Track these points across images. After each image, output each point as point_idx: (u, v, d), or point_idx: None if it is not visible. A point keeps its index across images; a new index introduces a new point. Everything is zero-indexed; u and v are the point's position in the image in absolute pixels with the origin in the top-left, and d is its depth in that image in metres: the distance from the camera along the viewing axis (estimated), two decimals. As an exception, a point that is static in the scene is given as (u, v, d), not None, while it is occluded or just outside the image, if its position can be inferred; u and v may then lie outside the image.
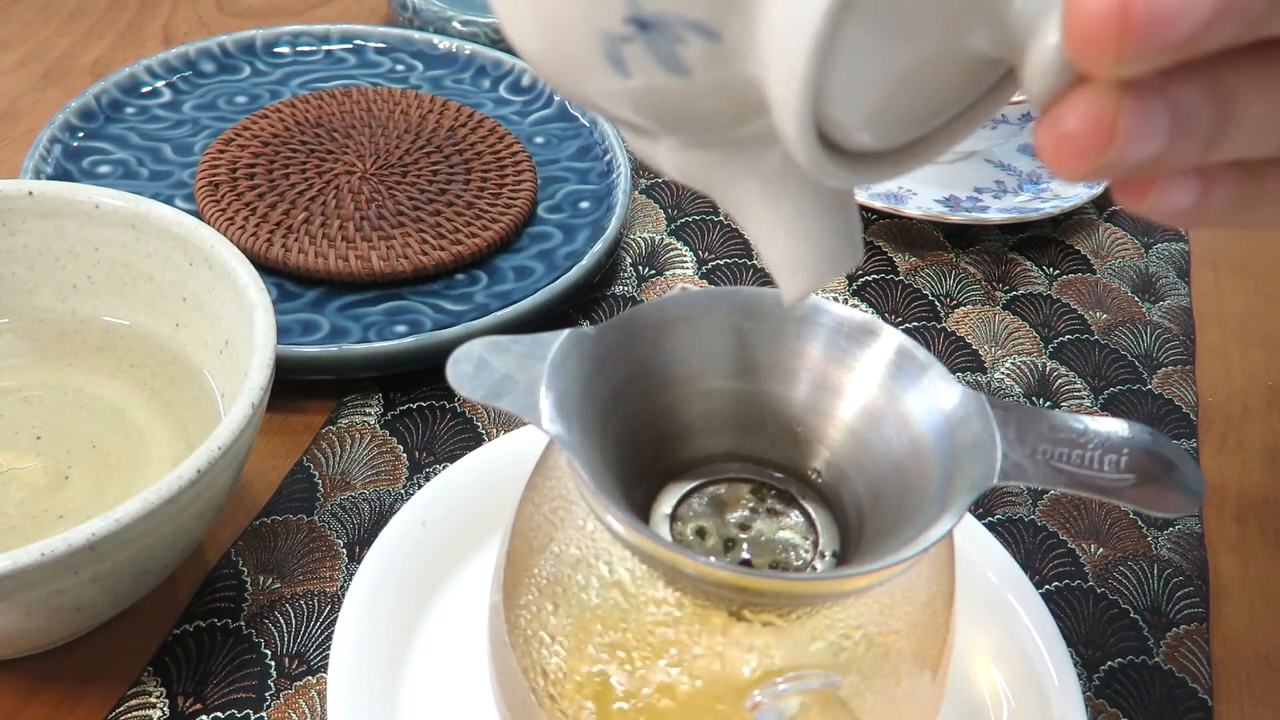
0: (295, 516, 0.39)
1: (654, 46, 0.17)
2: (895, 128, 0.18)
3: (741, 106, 0.18)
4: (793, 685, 0.23)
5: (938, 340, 0.50)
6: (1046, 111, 0.16)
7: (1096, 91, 0.15)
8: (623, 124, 0.20)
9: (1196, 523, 0.43)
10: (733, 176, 0.20)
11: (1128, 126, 0.15)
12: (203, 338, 0.38)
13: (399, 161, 0.53)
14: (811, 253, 0.20)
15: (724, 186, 0.20)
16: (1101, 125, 0.15)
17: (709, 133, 0.19)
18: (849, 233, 0.21)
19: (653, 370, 0.26)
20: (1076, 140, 0.15)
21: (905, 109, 0.17)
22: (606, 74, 0.17)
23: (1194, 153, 0.16)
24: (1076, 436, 0.24)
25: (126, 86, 0.56)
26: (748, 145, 0.19)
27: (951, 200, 0.56)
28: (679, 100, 0.18)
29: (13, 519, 0.34)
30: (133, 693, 0.33)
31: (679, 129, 0.19)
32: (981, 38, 0.16)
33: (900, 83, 0.17)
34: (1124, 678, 0.37)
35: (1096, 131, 0.15)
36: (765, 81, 0.16)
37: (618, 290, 0.51)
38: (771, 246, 0.21)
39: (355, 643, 0.32)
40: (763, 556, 0.26)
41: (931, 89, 0.17)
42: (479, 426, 0.43)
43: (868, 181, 0.18)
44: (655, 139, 0.20)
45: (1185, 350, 0.51)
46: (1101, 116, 0.15)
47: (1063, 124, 0.15)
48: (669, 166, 0.20)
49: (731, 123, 0.18)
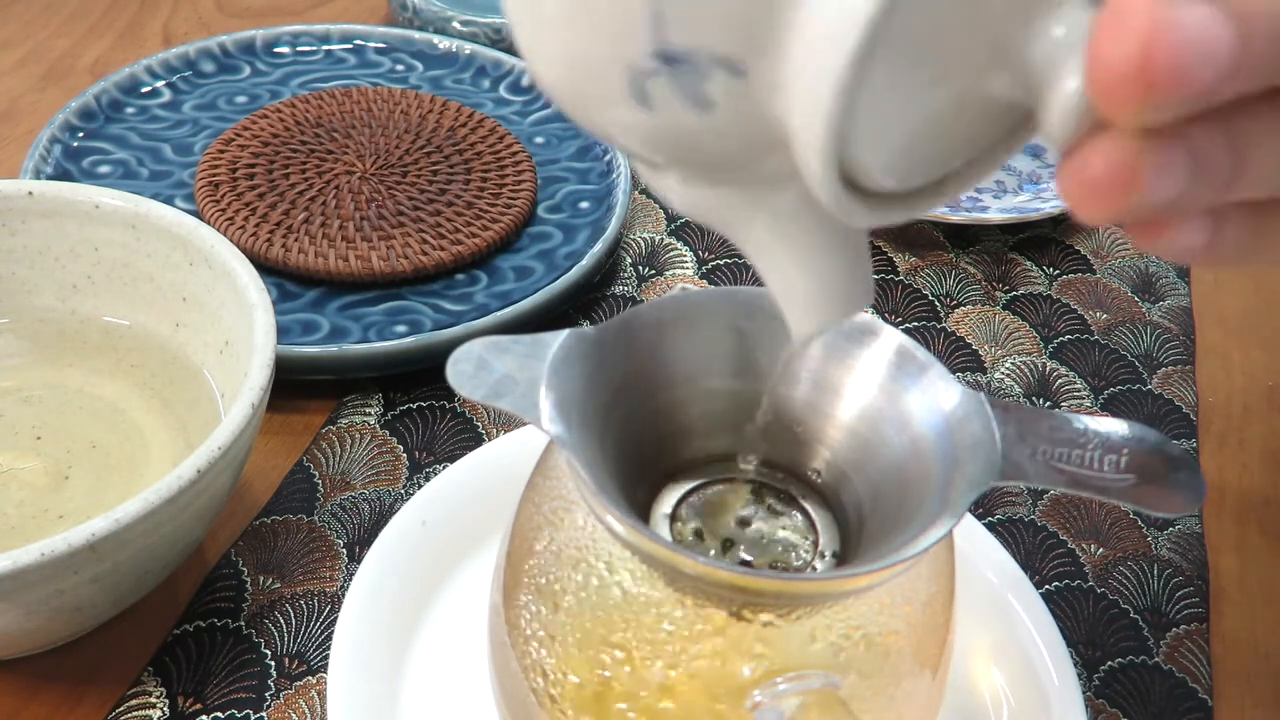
0: (295, 516, 0.39)
1: (679, 81, 0.17)
2: (915, 169, 0.18)
3: (759, 144, 0.18)
4: (793, 685, 0.23)
5: (938, 340, 0.50)
6: (1068, 156, 0.16)
7: (1118, 138, 0.16)
8: (634, 155, 0.20)
9: (1196, 523, 0.43)
10: (745, 214, 0.20)
11: (1150, 172, 0.16)
12: (203, 338, 0.38)
13: (399, 161, 0.53)
14: (823, 292, 0.20)
15: (735, 223, 0.20)
16: (1125, 171, 0.16)
17: (724, 170, 0.19)
18: (861, 273, 0.21)
19: (653, 370, 0.26)
20: (1100, 186, 0.16)
21: (926, 151, 0.18)
22: (628, 106, 0.17)
23: (1211, 195, 0.17)
24: (1076, 436, 0.24)
25: (126, 86, 0.56)
26: (762, 183, 0.19)
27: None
28: (697, 136, 0.18)
29: (13, 519, 0.34)
30: (133, 693, 0.33)
31: (693, 164, 0.19)
32: (1002, 82, 0.16)
33: (922, 125, 0.17)
34: (1124, 678, 0.37)
35: (1120, 177, 0.16)
36: (789, 120, 0.16)
37: (618, 290, 0.51)
38: (782, 284, 0.21)
39: (355, 643, 0.32)
40: (762, 557, 0.26)
41: (952, 132, 0.18)
42: (479, 426, 0.43)
43: (886, 222, 0.18)
44: (664, 172, 0.20)
45: (1185, 350, 0.51)
46: (1124, 163, 0.15)
47: (1087, 170, 0.16)
48: (676, 200, 0.20)
49: (747, 160, 0.18)
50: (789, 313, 0.21)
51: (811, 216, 0.19)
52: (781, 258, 0.20)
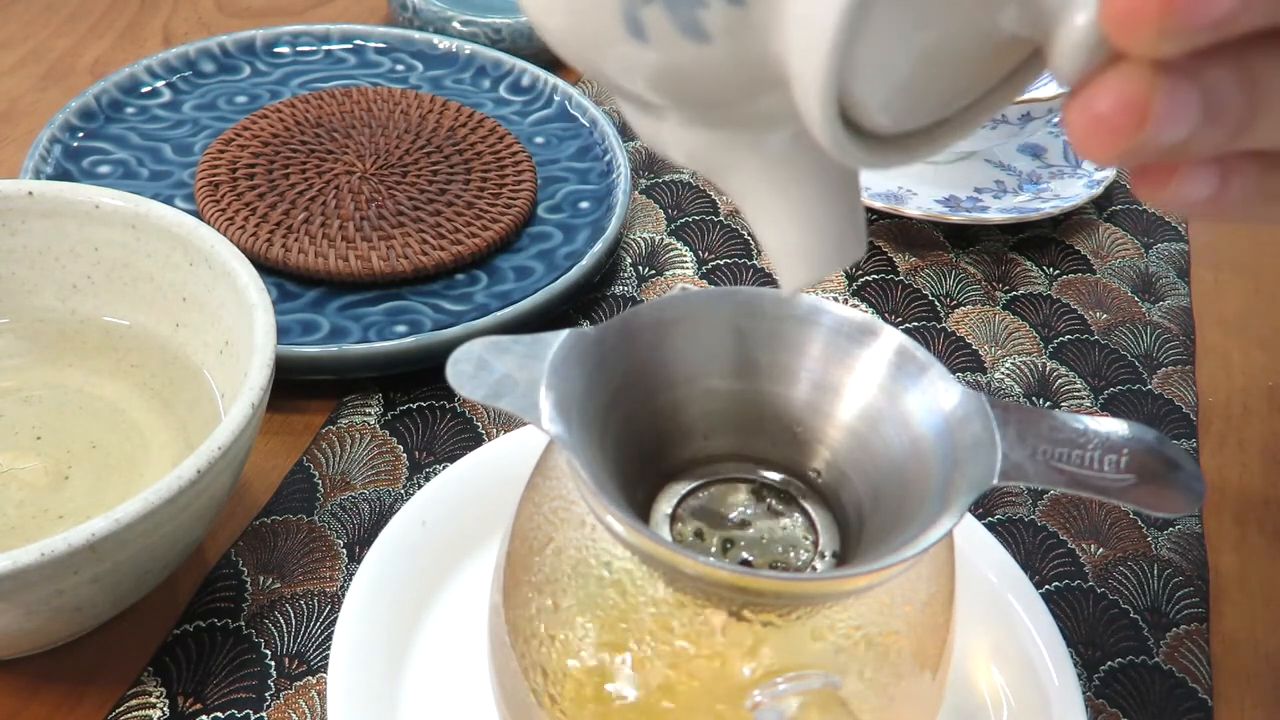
0: (295, 516, 0.39)
1: (674, 9, 0.16)
2: (916, 109, 0.18)
3: (756, 81, 0.17)
4: (793, 685, 0.23)
5: (938, 340, 0.50)
6: (1077, 93, 0.16)
7: (1131, 71, 0.15)
8: (633, 99, 0.20)
9: (1196, 523, 0.43)
10: (738, 158, 0.19)
11: (1161, 107, 0.15)
12: (203, 338, 0.38)
13: (399, 161, 0.53)
14: (814, 241, 0.20)
15: (728, 168, 0.20)
16: (1135, 105, 0.15)
17: (719, 108, 0.19)
18: (853, 223, 0.20)
19: (653, 370, 0.26)
20: (1109, 121, 0.15)
21: (928, 89, 0.17)
22: (624, 40, 0.17)
23: (1221, 138, 0.16)
24: (1076, 436, 0.24)
25: (126, 86, 0.56)
26: (756, 124, 0.19)
27: (951, 200, 0.56)
28: (693, 70, 0.17)
29: (13, 519, 0.34)
30: (133, 693, 0.33)
31: (689, 103, 0.19)
32: (1010, 14, 0.16)
33: (925, 60, 0.16)
34: (1124, 678, 0.37)
35: (1130, 112, 0.15)
36: (787, 53, 0.16)
37: (618, 290, 0.51)
38: (773, 233, 0.20)
39: (355, 643, 0.32)
40: (762, 557, 0.26)
41: (956, 68, 0.17)
42: (479, 426, 0.43)
43: (883, 164, 0.18)
44: (663, 116, 0.20)
45: (1185, 350, 0.51)
46: (1136, 97, 0.15)
47: (1095, 104, 0.15)
48: (674, 146, 0.20)
49: (743, 98, 0.18)
50: (780, 264, 0.21)
51: (806, 163, 0.19)
52: (774, 205, 0.20)
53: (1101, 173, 0.59)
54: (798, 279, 0.21)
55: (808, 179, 0.20)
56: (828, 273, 0.21)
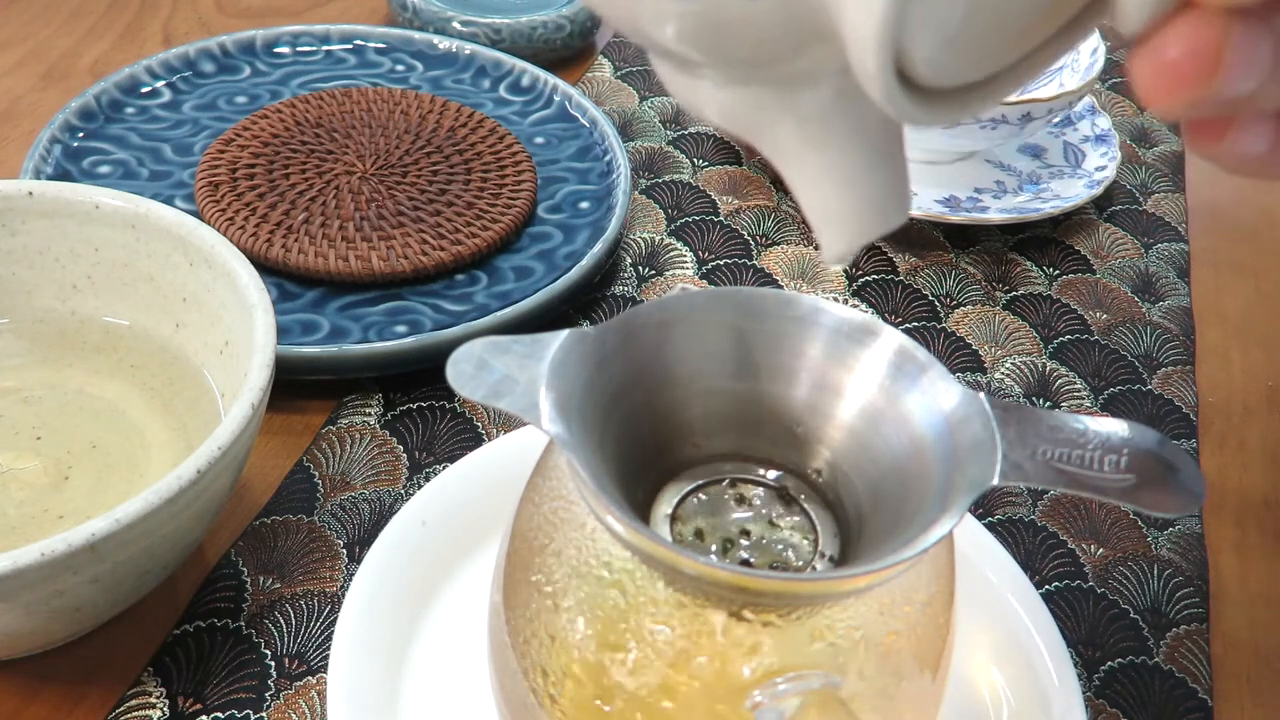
0: (295, 517, 0.39)
1: None
2: (972, 61, 0.17)
3: (803, 34, 0.17)
4: (792, 685, 0.23)
5: (938, 340, 0.50)
6: (1144, 41, 0.15)
7: (1204, 18, 0.15)
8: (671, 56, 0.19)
9: (1196, 523, 0.43)
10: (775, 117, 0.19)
11: (1234, 56, 0.15)
12: (203, 338, 0.38)
13: (399, 161, 0.53)
14: (855, 206, 0.19)
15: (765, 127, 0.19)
16: (1207, 54, 0.15)
17: (761, 65, 0.18)
18: (896, 187, 0.20)
19: (653, 370, 0.26)
20: (1179, 69, 0.15)
21: (985, 40, 0.17)
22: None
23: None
24: (1076, 436, 0.24)
25: (126, 86, 0.56)
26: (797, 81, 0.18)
27: (951, 200, 0.56)
28: (738, 22, 0.17)
29: (13, 519, 0.34)
30: (133, 693, 0.33)
31: (730, 59, 0.18)
32: None
33: (983, 9, 0.16)
34: (1124, 678, 0.37)
35: (1201, 60, 0.15)
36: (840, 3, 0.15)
37: (618, 290, 0.51)
38: (813, 196, 0.20)
39: (355, 643, 0.32)
40: (762, 557, 0.26)
41: (1014, 18, 0.17)
42: (479, 426, 0.43)
43: (936, 120, 0.17)
44: (700, 74, 0.19)
45: (1185, 350, 0.51)
46: (1208, 44, 0.15)
47: (1166, 51, 0.15)
48: (711, 106, 0.19)
49: (787, 53, 0.17)
50: (818, 229, 0.20)
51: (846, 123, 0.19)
52: (814, 167, 0.19)
53: (1101, 173, 0.59)
54: (840, 245, 0.20)
55: (848, 139, 0.19)
56: (870, 238, 0.20)
